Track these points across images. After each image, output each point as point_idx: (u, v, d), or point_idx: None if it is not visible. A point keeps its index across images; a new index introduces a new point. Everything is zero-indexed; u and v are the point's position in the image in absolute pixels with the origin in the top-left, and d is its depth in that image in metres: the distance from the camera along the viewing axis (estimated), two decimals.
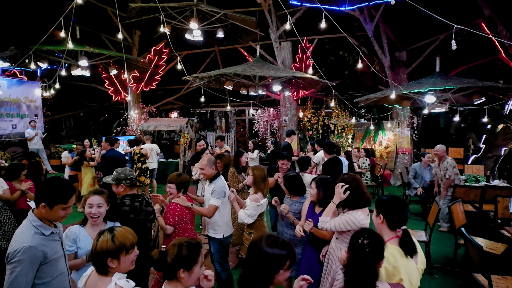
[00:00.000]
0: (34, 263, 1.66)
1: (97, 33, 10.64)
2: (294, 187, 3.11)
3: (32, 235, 1.70)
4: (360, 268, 1.51)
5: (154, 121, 11.22)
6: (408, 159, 9.57)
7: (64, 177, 5.81)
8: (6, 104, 9.76)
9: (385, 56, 9.17)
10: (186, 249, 1.57)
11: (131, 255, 1.66)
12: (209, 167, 3.20)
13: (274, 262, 1.44)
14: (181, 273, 1.54)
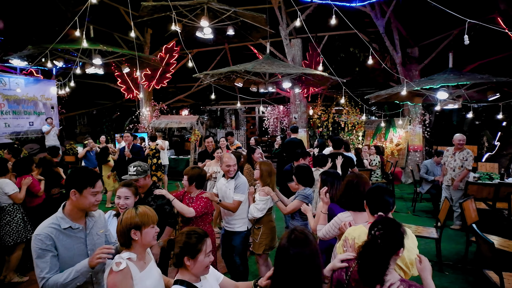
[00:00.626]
0: (44, 250, 1.73)
1: (110, 32, 10.85)
2: (303, 178, 3.14)
3: (46, 226, 1.79)
4: (369, 259, 1.53)
5: (165, 118, 11.38)
6: (419, 156, 9.45)
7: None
8: (24, 102, 10.07)
9: (397, 52, 9.06)
10: (190, 238, 1.65)
11: (152, 230, 1.75)
12: (236, 163, 3.28)
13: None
14: (186, 261, 1.62)
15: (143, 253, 1.78)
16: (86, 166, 7.20)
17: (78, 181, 1.84)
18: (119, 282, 1.59)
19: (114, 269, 1.60)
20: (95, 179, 1.89)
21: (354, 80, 11.27)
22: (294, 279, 1.46)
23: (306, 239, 1.51)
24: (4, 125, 9.50)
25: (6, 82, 9.57)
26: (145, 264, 1.78)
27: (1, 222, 3.80)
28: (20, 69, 10.34)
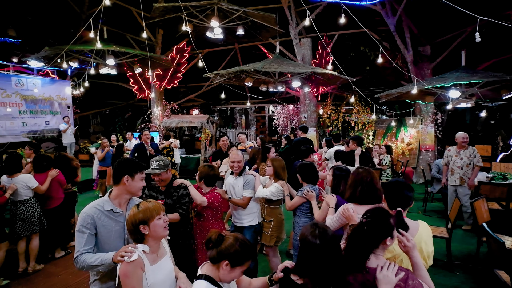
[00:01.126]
0: (84, 227, 1.93)
1: (123, 33, 11.08)
2: (307, 175, 3.22)
3: (92, 207, 2.00)
4: (353, 245, 1.60)
5: (176, 117, 11.54)
6: (431, 156, 9.32)
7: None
8: (40, 102, 10.38)
9: (408, 50, 8.96)
10: (241, 247, 1.64)
11: (159, 222, 1.79)
12: (243, 160, 3.41)
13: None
14: (224, 265, 1.62)
15: (156, 247, 1.84)
16: (100, 165, 7.39)
17: (130, 168, 2.07)
18: (129, 272, 1.67)
19: (126, 260, 1.68)
20: (142, 166, 2.14)
21: (365, 79, 11.18)
22: (320, 266, 1.55)
23: (327, 231, 1.61)
24: (22, 124, 9.82)
25: (24, 83, 9.90)
26: (158, 257, 1.84)
27: (22, 214, 4.03)
28: (36, 70, 10.67)
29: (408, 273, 1.56)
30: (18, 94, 9.72)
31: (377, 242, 1.58)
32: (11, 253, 4.44)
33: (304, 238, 1.63)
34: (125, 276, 1.67)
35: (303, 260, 1.63)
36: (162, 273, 1.81)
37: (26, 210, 4.06)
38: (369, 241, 1.58)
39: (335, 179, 2.88)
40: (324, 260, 1.56)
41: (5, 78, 9.49)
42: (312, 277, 1.58)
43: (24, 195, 4.04)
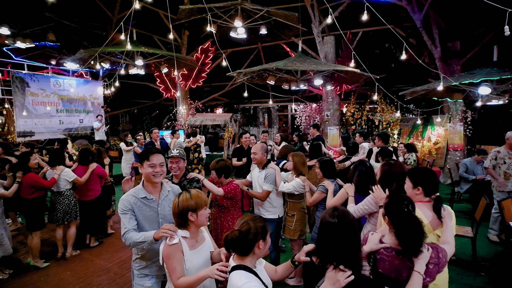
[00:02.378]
0: (125, 211, 2.17)
1: (150, 35, 11.55)
2: (327, 170, 3.34)
3: (128, 194, 2.25)
4: (414, 230, 1.71)
5: (201, 116, 11.86)
6: (460, 156, 8.99)
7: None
8: (75, 102, 11.06)
9: (436, 47, 8.68)
10: (260, 221, 1.76)
11: (205, 212, 1.96)
12: (261, 153, 3.53)
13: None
14: (260, 244, 1.71)
15: (196, 233, 2.00)
16: (135, 161, 7.77)
17: (140, 157, 2.30)
18: (171, 253, 1.85)
19: (168, 243, 1.87)
20: (149, 154, 2.28)
21: (390, 77, 10.94)
22: (338, 246, 1.62)
23: (347, 214, 1.71)
24: (59, 122, 10.52)
25: (61, 83, 10.59)
26: (197, 243, 1.99)
27: (60, 204, 4.41)
28: (72, 71, 11.37)
29: (437, 247, 1.77)
30: (56, 94, 10.42)
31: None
32: (51, 240, 4.86)
33: (322, 219, 1.73)
34: (168, 257, 1.86)
35: (320, 240, 1.71)
36: (200, 259, 1.96)
37: (63, 200, 4.43)
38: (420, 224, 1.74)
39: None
40: (340, 239, 1.62)
41: (45, 79, 10.20)
42: (329, 256, 1.63)
43: (62, 187, 4.42)
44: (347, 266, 1.58)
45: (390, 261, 1.79)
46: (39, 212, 4.24)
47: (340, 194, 3.02)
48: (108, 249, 4.86)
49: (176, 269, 1.84)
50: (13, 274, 4.08)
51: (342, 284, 1.53)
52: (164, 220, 2.26)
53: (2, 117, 11.51)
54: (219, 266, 1.71)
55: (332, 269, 1.59)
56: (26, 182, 4.07)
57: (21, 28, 8.29)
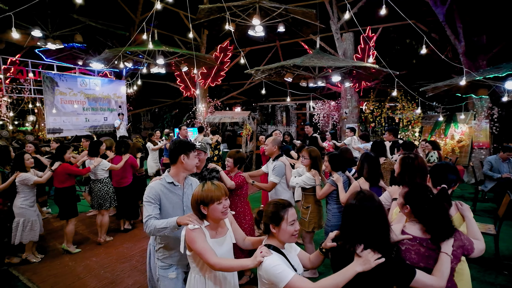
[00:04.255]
0: (151, 198, 2.22)
1: (171, 35, 11.85)
2: (335, 164, 3.46)
3: (156, 182, 2.31)
4: (442, 216, 1.74)
5: (219, 113, 12.05)
6: (485, 154, 8.65)
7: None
8: (100, 100, 11.53)
9: (460, 41, 8.40)
10: (272, 207, 1.78)
11: (218, 207, 1.90)
12: (272, 145, 3.72)
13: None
14: (272, 228, 1.75)
15: (214, 225, 1.98)
16: (166, 157, 8.07)
17: (185, 148, 2.33)
18: (195, 237, 1.85)
19: (190, 227, 1.88)
20: (195, 145, 2.41)
21: (411, 73, 10.69)
22: (364, 228, 1.59)
23: (372, 196, 1.68)
24: (85, 119, 11.01)
25: (87, 83, 11.08)
26: (216, 234, 1.98)
27: (98, 191, 4.84)
28: (97, 71, 11.86)
29: (458, 230, 1.79)
30: (82, 93, 10.91)
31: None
32: (77, 229, 5.15)
33: (346, 202, 1.73)
34: (192, 241, 1.85)
35: (346, 224, 1.69)
36: (220, 250, 1.93)
37: (102, 187, 4.85)
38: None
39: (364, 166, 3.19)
40: (366, 222, 1.59)
41: (73, 79, 10.70)
42: (356, 239, 1.60)
43: (100, 175, 4.87)
44: (376, 249, 1.55)
45: (416, 251, 1.76)
46: (72, 201, 4.60)
47: (353, 188, 3.12)
48: (130, 239, 5.09)
49: (206, 249, 1.82)
50: (44, 259, 4.38)
51: (372, 265, 1.51)
52: (188, 209, 2.29)
53: (34, 116, 12.18)
54: (260, 253, 1.70)
55: (361, 250, 1.57)
56: (61, 170, 4.44)
57: (51, 31, 8.75)
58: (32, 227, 4.23)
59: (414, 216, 1.82)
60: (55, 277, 3.90)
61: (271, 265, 1.62)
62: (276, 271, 1.59)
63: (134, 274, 3.94)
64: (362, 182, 3.06)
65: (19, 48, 10.61)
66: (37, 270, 4.09)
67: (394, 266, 1.57)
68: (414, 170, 2.39)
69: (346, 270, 1.55)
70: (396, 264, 1.58)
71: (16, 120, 12.12)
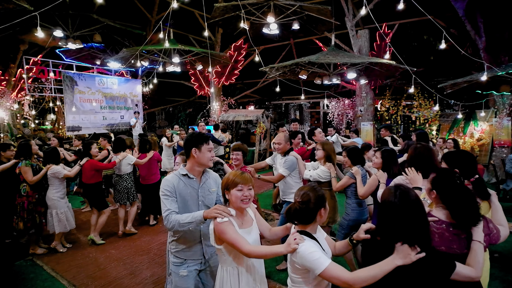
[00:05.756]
0: (168, 191, 2.17)
1: (186, 34, 12.00)
2: (354, 157, 3.51)
3: (171, 175, 2.28)
4: (469, 201, 1.73)
5: (233, 112, 12.13)
6: (507, 153, 8.38)
7: None
8: (117, 99, 11.79)
9: (480, 37, 8.16)
10: (319, 190, 1.79)
11: (237, 193, 1.90)
12: (285, 142, 3.74)
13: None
14: (322, 211, 1.77)
15: (239, 214, 1.97)
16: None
17: (196, 141, 2.24)
18: (224, 228, 1.83)
19: (219, 221, 1.85)
20: (207, 138, 2.29)
21: (428, 70, 10.45)
22: (406, 225, 1.55)
23: (409, 191, 1.63)
24: (102, 118, 11.29)
25: (104, 82, 11.35)
26: (243, 224, 1.96)
27: (120, 186, 5.02)
28: (114, 71, 12.13)
29: (485, 217, 1.81)
30: (100, 92, 11.19)
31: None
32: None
33: (384, 199, 1.67)
34: (222, 232, 1.83)
35: (384, 220, 1.65)
36: (249, 239, 1.89)
37: (123, 182, 5.03)
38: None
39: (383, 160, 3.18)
40: (405, 219, 1.56)
41: (91, 78, 10.99)
42: (396, 236, 1.57)
43: (123, 171, 5.05)
44: (416, 243, 1.53)
45: (440, 234, 1.77)
46: (101, 195, 4.86)
47: (372, 181, 3.13)
48: (148, 232, 5.20)
49: (238, 239, 1.80)
50: (67, 250, 4.55)
51: (413, 259, 1.49)
52: (203, 203, 2.26)
53: (54, 114, 12.58)
54: (294, 240, 1.67)
55: (400, 243, 1.54)
56: (88, 165, 4.63)
57: (72, 31, 9.00)
58: (66, 218, 4.44)
59: (441, 202, 1.82)
60: (77, 267, 4.04)
61: (307, 252, 1.62)
62: (313, 258, 1.60)
63: (152, 266, 4.03)
64: (380, 174, 3.05)
65: (40, 49, 10.97)
66: (60, 260, 4.24)
67: (434, 260, 1.55)
68: (422, 159, 2.54)
69: (385, 263, 1.53)
70: (436, 258, 1.56)
71: (36, 118, 12.55)
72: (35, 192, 4.33)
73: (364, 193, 3.16)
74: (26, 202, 4.26)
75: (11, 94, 10.98)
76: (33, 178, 4.22)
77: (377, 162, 3.19)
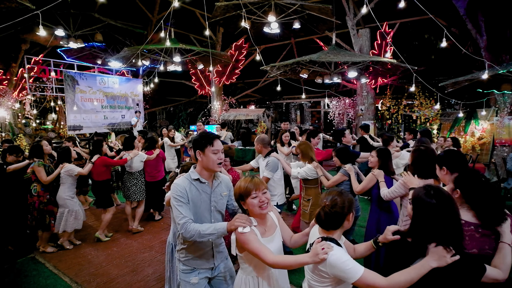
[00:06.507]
0: (182, 197, 1.98)
1: (187, 34, 12.02)
2: (343, 157, 3.59)
3: (182, 178, 2.07)
4: (495, 199, 1.70)
5: (234, 111, 12.15)
6: (508, 151, 8.38)
7: None
8: (118, 98, 11.81)
9: (481, 35, 8.16)
10: (347, 194, 1.74)
11: (253, 201, 1.81)
12: (262, 144, 3.83)
13: None
14: (350, 217, 1.71)
15: (260, 221, 1.88)
16: (186, 155, 8.23)
17: (199, 143, 2.04)
18: (247, 238, 1.74)
19: (240, 231, 1.77)
20: (212, 139, 2.04)
21: (429, 69, 10.45)
22: (440, 225, 1.52)
23: (442, 191, 1.59)
24: (103, 117, 11.31)
25: (105, 81, 11.38)
26: (265, 232, 1.87)
27: (130, 183, 5.09)
28: (115, 70, 12.15)
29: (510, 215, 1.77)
30: (101, 91, 11.22)
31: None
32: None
33: (419, 199, 1.60)
34: (245, 243, 1.74)
35: (417, 220, 1.61)
36: (271, 247, 1.81)
37: (133, 180, 5.10)
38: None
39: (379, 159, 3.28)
40: (440, 220, 1.53)
41: (92, 77, 11.02)
42: (429, 237, 1.54)
43: (135, 169, 5.11)
44: (450, 245, 1.49)
45: (470, 236, 1.73)
46: (108, 193, 4.92)
47: (368, 179, 3.17)
48: (149, 231, 5.21)
49: (261, 248, 1.71)
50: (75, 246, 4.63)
51: (448, 261, 1.46)
52: (215, 210, 2.11)
53: (55, 114, 12.60)
54: (321, 249, 1.58)
55: (434, 245, 1.51)
56: (99, 162, 4.69)
57: (74, 30, 9.03)
58: (76, 216, 4.48)
59: (465, 201, 1.79)
60: (79, 264, 4.05)
61: (339, 261, 1.55)
62: (346, 267, 1.54)
63: (154, 263, 4.04)
64: (378, 172, 3.10)
65: (42, 48, 11.00)
66: (62, 257, 4.25)
67: (467, 262, 1.52)
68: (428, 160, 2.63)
69: (421, 266, 1.50)
70: (469, 260, 1.54)
71: (38, 118, 12.58)
72: (46, 192, 4.36)
73: (360, 190, 3.24)
74: (37, 202, 4.30)
75: (12, 94, 11.02)
76: (47, 178, 4.25)
77: (373, 161, 3.25)
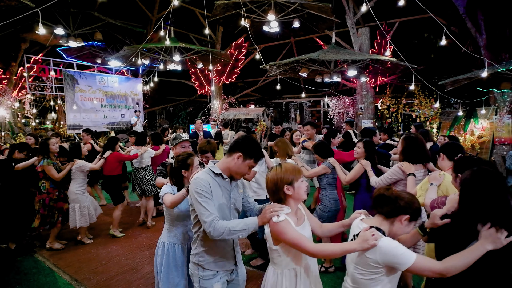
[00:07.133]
0: (206, 192, 1.83)
1: (186, 33, 12.02)
2: (322, 152, 3.68)
3: (203, 172, 1.93)
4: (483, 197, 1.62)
5: (234, 110, 12.15)
6: (508, 150, 8.38)
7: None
8: (118, 98, 11.82)
9: (481, 34, 8.16)
10: (408, 194, 1.70)
11: (302, 184, 1.79)
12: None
13: None
14: (403, 219, 1.64)
15: (296, 209, 1.83)
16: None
17: (249, 150, 1.88)
18: (283, 228, 1.67)
19: (274, 220, 1.68)
20: (260, 156, 1.93)
21: (429, 68, 10.46)
22: (493, 205, 1.49)
23: (491, 170, 1.57)
24: (103, 116, 11.31)
25: (105, 81, 11.38)
26: (298, 220, 1.81)
27: (144, 178, 5.27)
28: (114, 70, 12.15)
29: None
30: (101, 90, 11.22)
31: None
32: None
33: (470, 180, 1.58)
34: (282, 233, 1.67)
35: (469, 203, 1.58)
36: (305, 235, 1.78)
37: (146, 175, 5.23)
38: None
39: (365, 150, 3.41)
40: (496, 199, 1.51)
41: (92, 76, 11.02)
42: (481, 217, 1.52)
43: (145, 163, 5.31)
44: (502, 226, 1.45)
45: None
46: (119, 189, 4.98)
47: (357, 169, 3.28)
48: (148, 229, 5.21)
49: (300, 237, 1.65)
50: (69, 245, 4.57)
51: (504, 243, 1.43)
52: (234, 207, 2.00)
53: (55, 113, 12.60)
54: (371, 235, 1.54)
55: (487, 228, 1.47)
56: (112, 158, 4.77)
57: (73, 29, 9.03)
58: (88, 212, 4.53)
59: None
60: (79, 262, 4.05)
61: (391, 246, 1.53)
62: (399, 252, 1.52)
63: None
64: (365, 163, 3.22)
65: (41, 47, 11.00)
66: (62, 255, 4.25)
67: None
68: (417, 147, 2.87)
69: (476, 249, 1.48)
70: None
71: (37, 117, 12.57)
72: (55, 189, 4.37)
73: (349, 180, 3.32)
74: (47, 199, 4.32)
75: (12, 93, 11.02)
76: (59, 175, 4.27)
77: (360, 152, 3.35)
